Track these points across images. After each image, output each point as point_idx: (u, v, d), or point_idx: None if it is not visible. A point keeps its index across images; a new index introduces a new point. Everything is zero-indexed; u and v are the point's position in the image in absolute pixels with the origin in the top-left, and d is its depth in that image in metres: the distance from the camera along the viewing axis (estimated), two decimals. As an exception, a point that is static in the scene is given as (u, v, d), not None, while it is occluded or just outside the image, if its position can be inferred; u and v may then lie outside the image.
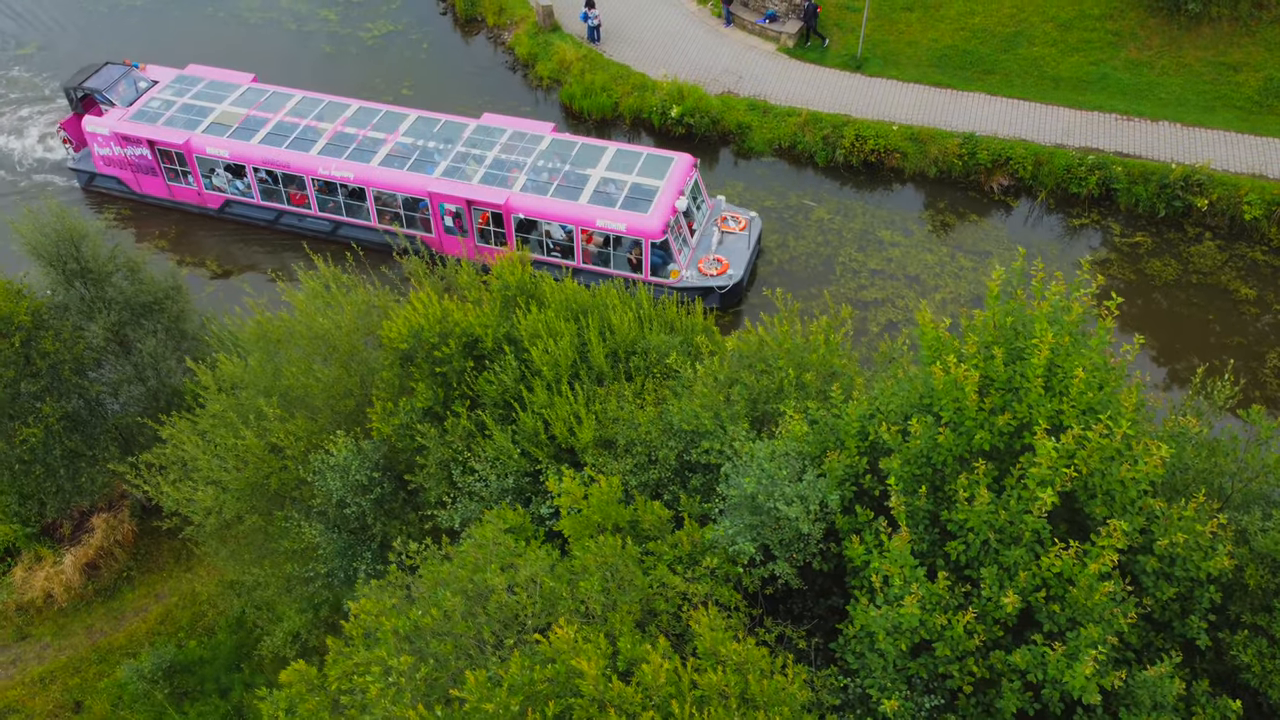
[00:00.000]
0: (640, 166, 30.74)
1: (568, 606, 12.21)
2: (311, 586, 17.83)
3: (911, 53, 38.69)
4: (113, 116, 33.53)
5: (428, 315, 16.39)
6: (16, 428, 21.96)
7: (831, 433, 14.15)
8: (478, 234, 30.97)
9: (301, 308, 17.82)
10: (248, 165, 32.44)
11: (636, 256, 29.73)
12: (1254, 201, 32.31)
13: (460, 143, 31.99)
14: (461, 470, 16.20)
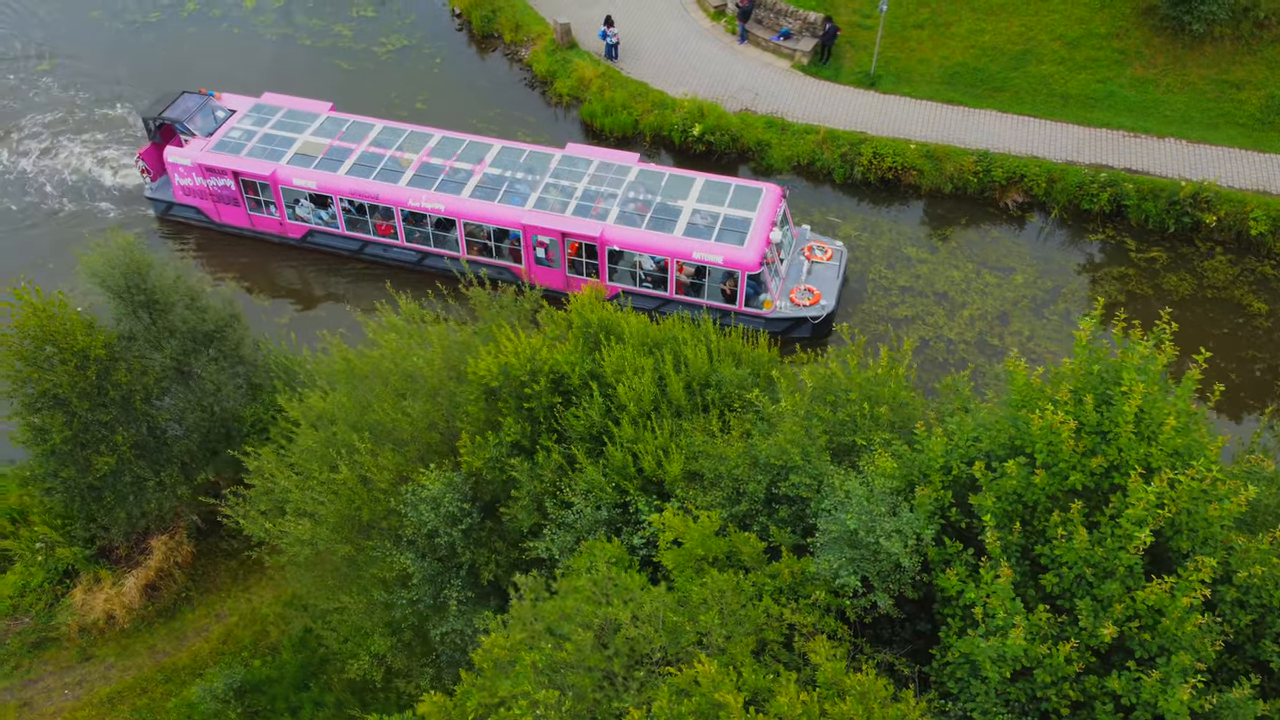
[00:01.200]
0: (731, 198, 31.17)
1: (689, 639, 13.04)
2: (397, 612, 18.54)
3: (923, 70, 39.68)
4: (194, 147, 33.68)
5: (518, 354, 17.15)
6: (90, 456, 22.52)
7: (915, 468, 15.05)
8: (569, 265, 31.48)
9: (391, 346, 18.49)
10: (334, 196, 32.72)
11: (730, 288, 30.16)
12: (1259, 217, 33.56)
13: (548, 174, 32.31)
14: (556, 503, 16.99)
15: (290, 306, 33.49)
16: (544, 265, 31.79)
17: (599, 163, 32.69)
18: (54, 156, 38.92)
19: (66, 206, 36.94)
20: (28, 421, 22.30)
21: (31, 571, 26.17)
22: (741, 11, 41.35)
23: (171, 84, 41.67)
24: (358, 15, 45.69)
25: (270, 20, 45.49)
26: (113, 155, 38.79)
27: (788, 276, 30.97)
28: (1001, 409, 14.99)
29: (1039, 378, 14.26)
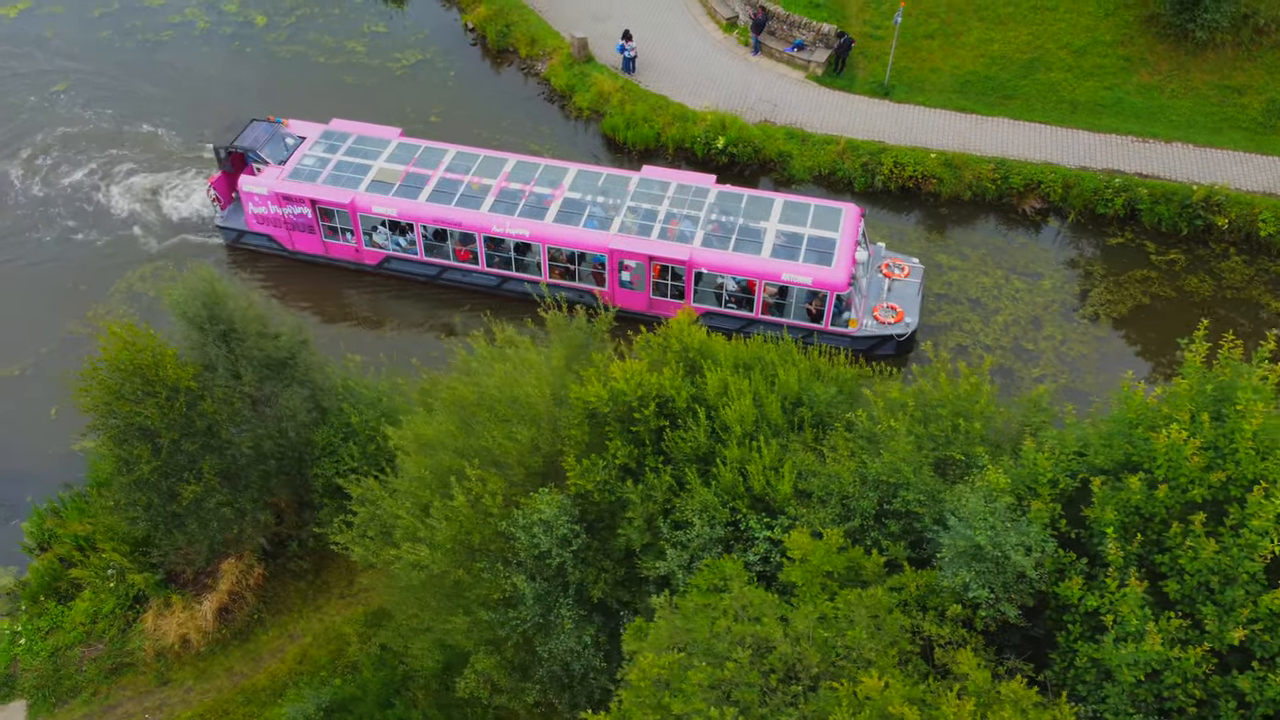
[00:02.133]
0: (812, 218, 31.75)
1: (840, 655, 13.81)
2: (503, 630, 19.16)
3: (935, 79, 40.73)
4: (269, 176, 33.73)
5: (628, 381, 17.83)
6: (173, 484, 22.89)
7: (1022, 482, 15.95)
8: (653, 287, 31.89)
9: (499, 375, 19.07)
10: (416, 224, 32.96)
11: (816, 307, 30.72)
12: (1268, 219, 34.92)
13: (628, 197, 32.74)
14: (670, 524, 17.71)
15: (362, 331, 33.67)
16: (628, 288, 32.30)
17: (677, 185, 33.12)
18: (77, 179, 38.96)
19: (99, 235, 37.06)
20: (114, 453, 22.62)
21: (102, 598, 26.46)
22: (755, 24, 42.14)
23: (194, 103, 42.00)
24: (370, 31, 45.97)
25: (283, 37, 45.63)
26: (150, 182, 38.86)
27: (868, 294, 31.53)
28: (1107, 425, 15.91)
29: (1154, 398, 15.22)
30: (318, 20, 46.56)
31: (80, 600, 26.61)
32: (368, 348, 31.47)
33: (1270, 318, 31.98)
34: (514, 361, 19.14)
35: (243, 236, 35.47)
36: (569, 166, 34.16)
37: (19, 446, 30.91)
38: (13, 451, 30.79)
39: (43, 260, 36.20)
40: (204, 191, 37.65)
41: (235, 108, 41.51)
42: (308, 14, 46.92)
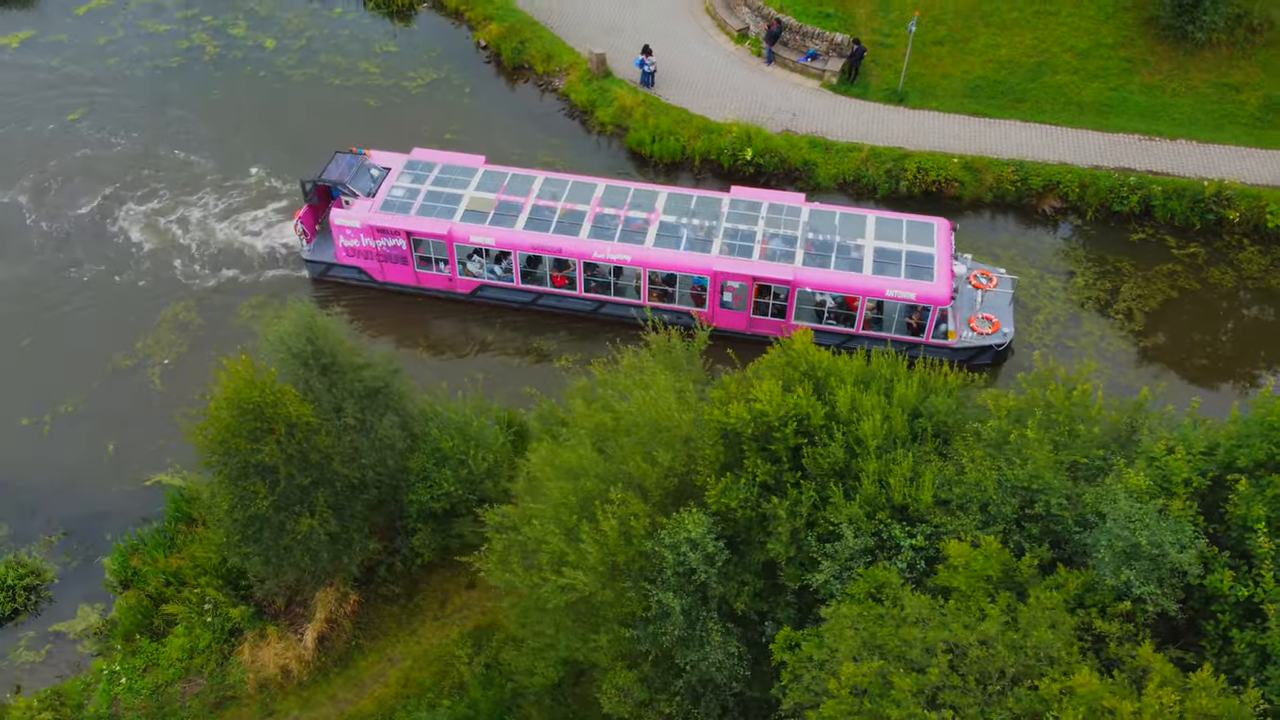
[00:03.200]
0: (906, 234, 32.71)
1: (1026, 655, 14.82)
2: (645, 645, 19.90)
3: (946, 84, 42.09)
4: (360, 209, 33.78)
5: (769, 402, 18.68)
6: (284, 518, 23.27)
7: (1157, 482, 17.14)
8: (754, 307, 32.52)
9: (638, 401, 19.77)
10: (514, 251, 33.24)
11: (916, 321, 31.59)
12: (1275, 211, 36.82)
13: (723, 218, 33.30)
14: (815, 537, 18.62)
15: (452, 359, 33.89)
16: (728, 308, 32.87)
17: (769, 205, 33.84)
18: (107, 207, 38.76)
19: (136, 268, 36.92)
20: (229, 490, 22.91)
21: (197, 633, 26.65)
22: (769, 35, 43.11)
23: (217, 129, 41.90)
24: (382, 51, 46.16)
25: (294, 60, 45.65)
26: (195, 212, 38.77)
27: (961, 306, 32.56)
28: (1237, 427, 17.16)
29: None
30: (328, 42, 46.64)
31: (174, 636, 26.78)
32: (456, 375, 31.84)
33: None
34: (653, 387, 19.86)
35: (330, 269, 35.49)
36: (659, 190, 34.75)
37: (83, 483, 30.86)
38: (77, 489, 30.74)
39: (81, 293, 36.00)
40: (249, 219, 37.78)
41: (261, 133, 41.64)
42: (317, 35, 46.99)
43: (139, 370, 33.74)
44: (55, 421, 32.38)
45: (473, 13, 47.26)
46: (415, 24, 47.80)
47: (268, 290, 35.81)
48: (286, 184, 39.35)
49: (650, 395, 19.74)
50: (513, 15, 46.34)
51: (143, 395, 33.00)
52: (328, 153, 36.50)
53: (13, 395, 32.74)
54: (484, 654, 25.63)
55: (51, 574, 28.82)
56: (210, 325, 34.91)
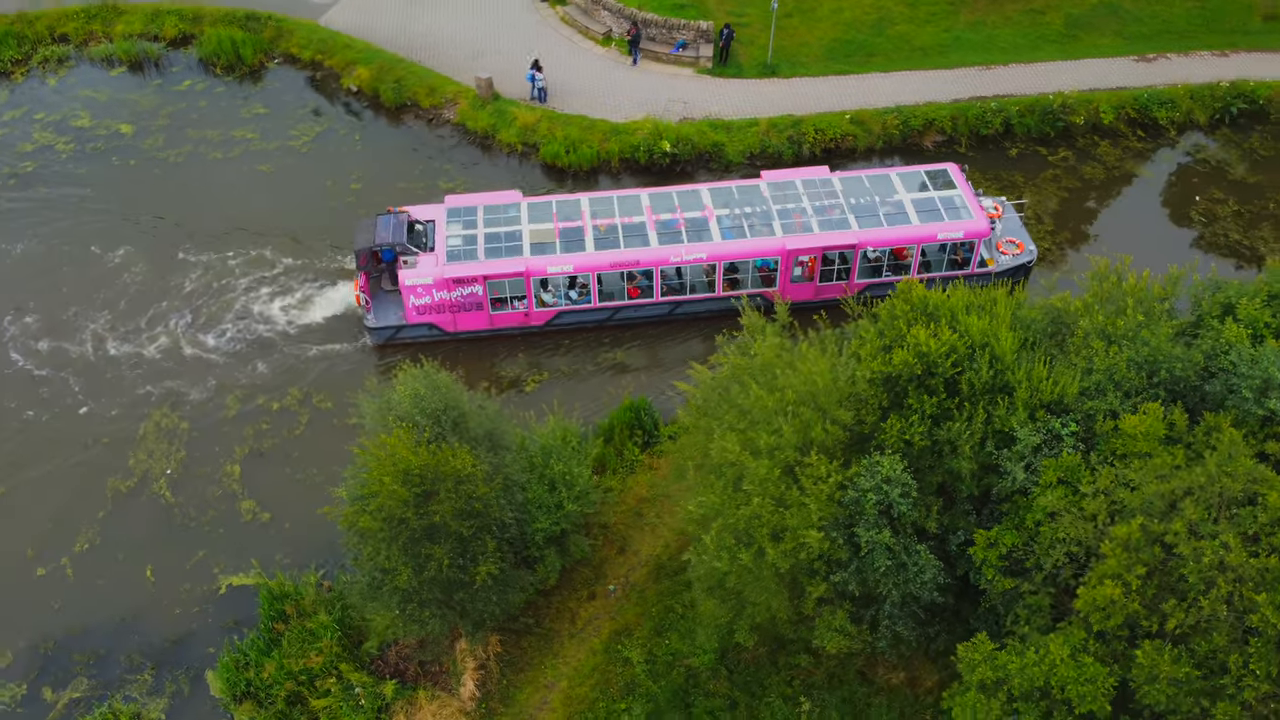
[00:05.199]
0: (931, 183, 36.10)
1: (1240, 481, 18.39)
2: (853, 585, 22.25)
3: (807, 52, 46.17)
4: (427, 264, 33.65)
5: (928, 343, 21.43)
6: (464, 571, 23.77)
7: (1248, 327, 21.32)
8: (820, 275, 35.00)
9: (804, 372, 21.79)
10: (592, 274, 34.02)
11: (961, 256, 35.37)
12: (1106, 110, 43.32)
13: (771, 201, 35.50)
14: (994, 444, 21.61)
15: (540, 388, 34.42)
16: (799, 282, 35.24)
17: (803, 181, 36.44)
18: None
19: (104, 387, 34.69)
20: (409, 560, 23.10)
21: (354, 718, 26.34)
22: (632, 40, 45.28)
23: (129, 223, 39.55)
24: (251, 115, 44.84)
25: (161, 142, 43.55)
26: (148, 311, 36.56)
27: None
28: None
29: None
30: (189, 117, 44.76)
31: (324, 729, 26.40)
32: (536, 403, 32.77)
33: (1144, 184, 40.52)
34: (808, 360, 22.09)
35: (400, 331, 35.02)
36: (699, 188, 36.39)
37: (138, 614, 29.31)
38: (137, 621, 29.20)
39: (53, 428, 33.53)
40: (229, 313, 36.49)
41: (165, 223, 39.78)
42: (175, 111, 44.99)
43: (143, 488, 32.09)
44: (75, 563, 30.37)
45: (332, 60, 46.73)
46: (272, 83, 46.60)
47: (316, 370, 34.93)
48: (224, 279, 37.79)
49: (809, 367, 21.98)
50: (378, 56, 46.25)
51: (158, 511, 31.51)
52: (249, 232, 35.83)
53: (13, 549, 30.38)
54: (644, 648, 26.98)
55: (157, 712, 27.41)
56: (199, 424, 33.54)
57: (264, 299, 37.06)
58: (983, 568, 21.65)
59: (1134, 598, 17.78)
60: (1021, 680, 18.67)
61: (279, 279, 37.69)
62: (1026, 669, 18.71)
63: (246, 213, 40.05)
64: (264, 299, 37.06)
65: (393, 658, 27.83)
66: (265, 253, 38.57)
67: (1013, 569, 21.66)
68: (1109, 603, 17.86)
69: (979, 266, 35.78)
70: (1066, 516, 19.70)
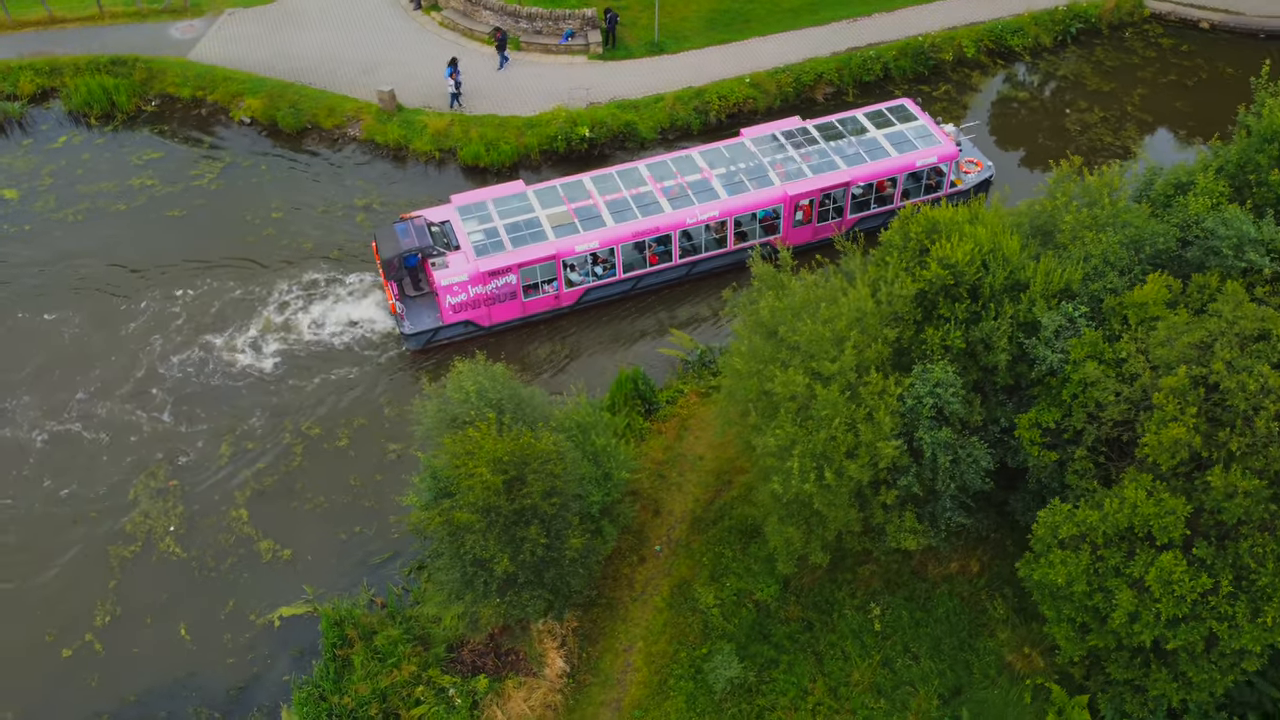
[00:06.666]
0: (894, 117, 39.13)
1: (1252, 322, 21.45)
2: (916, 487, 24.35)
3: (688, 26, 48.22)
4: (459, 262, 34.18)
5: (956, 254, 23.70)
6: (557, 549, 24.55)
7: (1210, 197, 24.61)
8: (817, 217, 37.13)
9: (852, 300, 23.64)
10: (617, 246, 35.15)
11: (934, 180, 38.24)
12: (968, 44, 47.33)
13: (762, 156, 37.64)
14: (1022, 334, 24.12)
15: (573, 365, 35.56)
16: (800, 226, 37.26)
17: (780, 132, 38.83)
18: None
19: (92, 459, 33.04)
20: (506, 546, 23.66)
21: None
22: (499, 44, 45.80)
23: (55, 286, 37.53)
24: (144, 162, 43.13)
25: (52, 203, 41.37)
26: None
27: None
28: (1245, 144, 24.96)
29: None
30: (74, 173, 42.65)
31: (420, 734, 26.57)
32: (560, 381, 33.87)
33: (1021, 102, 44.59)
34: (850, 290, 24.03)
35: (437, 334, 35.15)
36: (690, 152, 38.13)
37: (185, 672, 28.52)
38: (187, 679, 28.43)
39: (39, 513, 31.79)
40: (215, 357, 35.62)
41: (98, 279, 38.05)
42: (57, 169, 42.84)
43: (149, 550, 31.01)
44: (101, 637, 29.15)
45: (216, 95, 45.40)
46: (156, 126, 44.84)
47: (305, 400, 34.37)
48: (174, 325, 36.54)
49: (854, 295, 23.93)
50: (263, 84, 45.28)
51: (172, 569, 30.58)
52: (186, 274, 36.11)
53: (30, 637, 28.91)
54: (710, 593, 28.35)
55: (238, 763, 26.86)
56: (191, 477, 32.59)
57: (231, 336, 36.17)
58: (1028, 446, 24.16)
59: (1194, 435, 20.55)
60: (1107, 526, 21.19)
61: (235, 316, 36.79)
62: (1109, 516, 21.23)
63: (174, 258, 38.79)
64: (231, 336, 36.17)
65: (467, 656, 28.15)
66: (211, 292, 37.53)
67: (1052, 444, 24.28)
68: (1173, 442, 20.58)
69: (950, 187, 38.88)
70: (1107, 382, 22.37)
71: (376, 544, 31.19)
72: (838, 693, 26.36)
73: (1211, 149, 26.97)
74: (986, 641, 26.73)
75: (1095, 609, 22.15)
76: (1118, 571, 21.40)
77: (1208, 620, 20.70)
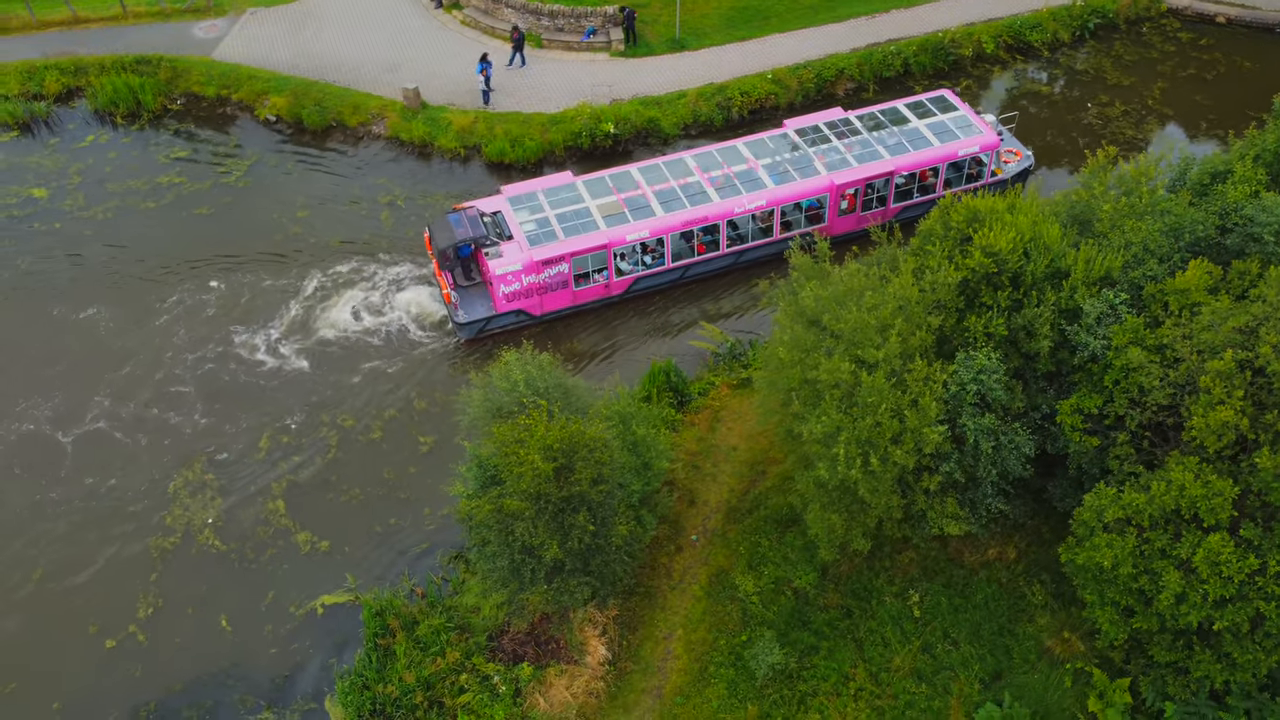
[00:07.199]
0: (935, 107, 39.33)
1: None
2: (958, 473, 24.61)
3: (708, 23, 48.50)
4: (513, 251, 34.44)
5: (999, 242, 23.96)
6: (604, 535, 24.80)
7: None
8: (862, 206, 37.63)
9: (896, 287, 23.92)
10: (667, 235, 35.58)
11: (975, 169, 38.58)
12: (986, 40, 47.62)
13: (805, 147, 37.99)
14: (1064, 321, 24.37)
15: (620, 355, 36.05)
16: (844, 215, 37.68)
17: (824, 122, 39.13)
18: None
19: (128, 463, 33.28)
20: (554, 534, 23.90)
21: (488, 714, 26.80)
22: (516, 42, 45.92)
23: (69, 297, 37.77)
24: (171, 160, 43.39)
25: (82, 202, 41.61)
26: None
27: None
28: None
29: None
30: (103, 171, 42.93)
31: (465, 717, 26.76)
32: (612, 369, 34.54)
33: (1045, 95, 44.83)
34: (896, 277, 24.28)
35: (490, 322, 35.48)
36: (736, 143, 38.50)
37: (227, 662, 28.71)
38: (230, 669, 28.62)
39: (82, 510, 32.03)
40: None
41: (131, 273, 38.29)
42: (85, 168, 43.07)
43: (188, 542, 31.23)
44: (144, 628, 29.35)
45: (240, 94, 45.63)
46: (183, 124, 45.12)
47: (337, 393, 34.39)
48: (210, 321, 36.83)
49: (897, 282, 24.20)
50: (287, 82, 45.54)
51: (212, 561, 30.78)
52: (215, 272, 36.63)
53: (74, 628, 29.14)
54: (749, 581, 28.58)
55: (282, 749, 27.09)
56: (228, 471, 32.83)
57: (263, 331, 36.43)
58: (1069, 432, 24.40)
59: (1241, 417, 20.81)
60: (1154, 509, 21.44)
61: (266, 312, 37.05)
62: (1156, 498, 21.48)
63: (205, 255, 39.07)
64: (263, 331, 36.43)
65: (508, 645, 28.36)
66: (243, 287, 37.81)
67: (1093, 430, 24.52)
68: (1221, 425, 20.84)
69: (990, 176, 39.26)
70: (1151, 367, 22.63)
71: (413, 536, 31.40)
72: (879, 678, 26.58)
73: (1248, 137, 27.24)
74: (1025, 627, 26.95)
75: (1140, 591, 22.38)
76: (1164, 553, 21.63)
77: (1254, 600, 20.92)
